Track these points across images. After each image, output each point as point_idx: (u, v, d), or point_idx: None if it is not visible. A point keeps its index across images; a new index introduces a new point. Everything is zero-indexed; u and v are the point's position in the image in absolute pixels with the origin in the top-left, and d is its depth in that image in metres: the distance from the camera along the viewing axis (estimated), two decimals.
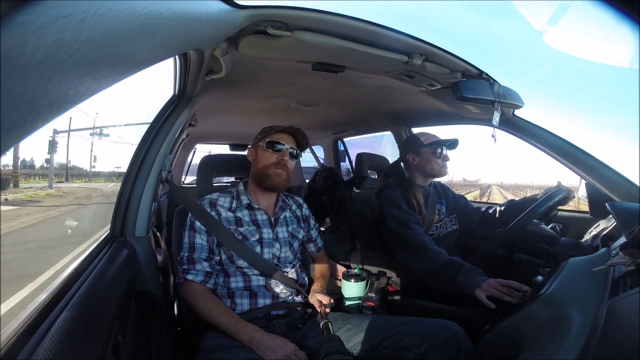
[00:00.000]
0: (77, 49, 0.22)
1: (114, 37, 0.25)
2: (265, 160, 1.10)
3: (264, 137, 1.12)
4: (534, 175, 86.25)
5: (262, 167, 1.10)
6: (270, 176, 1.09)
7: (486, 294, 1.01)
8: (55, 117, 0.26)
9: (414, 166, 1.48)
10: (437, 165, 1.42)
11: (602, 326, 0.54)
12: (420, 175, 1.48)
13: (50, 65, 0.20)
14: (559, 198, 1.16)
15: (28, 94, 0.20)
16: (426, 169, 1.45)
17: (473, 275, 1.09)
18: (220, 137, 3.18)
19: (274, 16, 0.77)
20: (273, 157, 1.10)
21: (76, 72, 0.23)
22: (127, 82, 1.72)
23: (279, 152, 1.10)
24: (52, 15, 0.19)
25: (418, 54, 0.96)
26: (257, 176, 1.11)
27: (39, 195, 12.47)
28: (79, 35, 0.21)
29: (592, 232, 1.34)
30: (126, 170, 1.08)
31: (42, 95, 0.22)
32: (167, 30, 0.34)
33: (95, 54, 0.24)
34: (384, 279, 1.46)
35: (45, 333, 0.47)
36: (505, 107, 1.18)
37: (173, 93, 1.17)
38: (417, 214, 1.38)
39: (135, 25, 0.28)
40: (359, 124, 2.26)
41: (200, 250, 1.02)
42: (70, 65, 0.22)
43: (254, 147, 1.16)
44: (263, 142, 1.11)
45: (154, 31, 0.31)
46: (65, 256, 4.14)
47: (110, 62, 0.27)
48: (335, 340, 0.84)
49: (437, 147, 1.42)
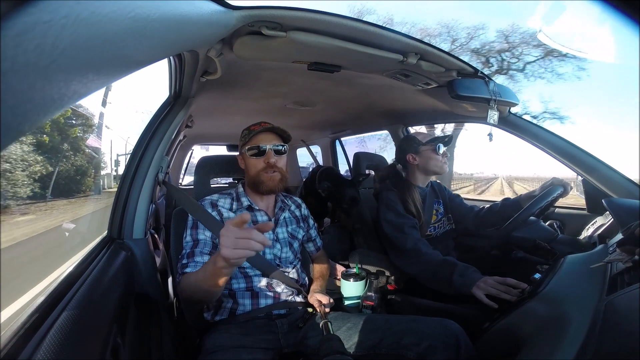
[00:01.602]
0: (59, 54, 0.21)
1: (99, 41, 0.25)
2: (254, 167, 1.08)
3: (245, 143, 1.10)
4: (526, 169, 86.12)
5: (254, 174, 1.08)
6: (263, 182, 1.07)
7: (484, 293, 1.01)
8: (42, 120, 0.26)
9: (415, 166, 1.47)
10: (439, 162, 1.42)
11: (601, 323, 0.54)
12: (421, 175, 1.48)
13: (32, 71, 0.20)
14: (552, 198, 1.16)
15: (10, 99, 0.19)
16: (428, 167, 1.44)
17: (467, 274, 1.10)
18: (217, 138, 3.18)
19: (268, 17, 0.77)
20: (260, 162, 1.07)
21: (61, 76, 0.23)
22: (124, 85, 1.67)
23: (263, 154, 1.06)
24: (31, 21, 0.19)
25: (413, 52, 0.96)
26: (252, 183, 1.10)
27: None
28: (60, 41, 0.21)
29: (590, 228, 1.34)
30: (123, 172, 1.08)
31: (26, 100, 0.21)
32: (156, 32, 0.34)
33: (81, 58, 0.24)
34: (383, 278, 1.46)
35: (44, 335, 0.47)
36: (501, 105, 1.18)
37: (169, 94, 1.16)
38: (415, 216, 1.38)
39: (122, 28, 0.27)
40: (356, 123, 2.26)
41: (204, 245, 0.99)
42: (54, 70, 0.22)
43: (241, 154, 1.13)
44: (245, 150, 1.09)
45: (141, 34, 0.31)
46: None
47: (97, 65, 0.27)
48: (334, 340, 0.84)
49: (437, 144, 1.41)
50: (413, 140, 1.48)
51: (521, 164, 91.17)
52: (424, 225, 1.40)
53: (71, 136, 1.83)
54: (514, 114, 1.32)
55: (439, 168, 1.43)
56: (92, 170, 2.12)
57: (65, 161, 1.75)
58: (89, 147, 2.16)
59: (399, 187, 1.46)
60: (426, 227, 1.42)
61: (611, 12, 0.51)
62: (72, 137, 1.83)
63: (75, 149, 1.82)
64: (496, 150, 69.74)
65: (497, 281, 1.01)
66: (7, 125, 0.21)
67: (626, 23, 0.48)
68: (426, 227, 1.42)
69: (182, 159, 3.34)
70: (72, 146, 1.79)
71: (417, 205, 1.40)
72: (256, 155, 1.07)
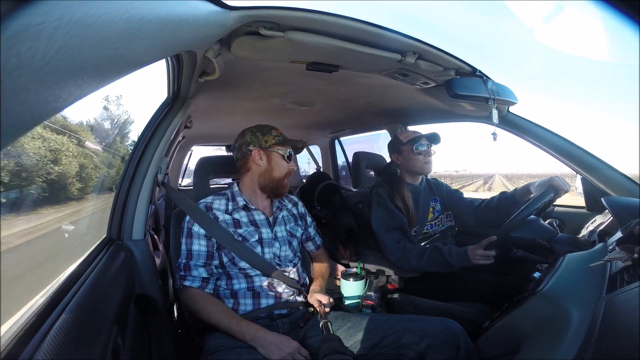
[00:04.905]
0: (52, 56, 0.21)
1: (93, 42, 0.25)
2: (281, 169, 1.11)
3: (277, 143, 1.10)
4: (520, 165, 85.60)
5: (278, 177, 1.10)
6: (284, 186, 1.12)
7: (477, 261, 1.15)
8: (38, 122, 0.26)
9: (400, 165, 1.50)
10: (419, 162, 1.43)
11: (601, 322, 0.54)
12: (407, 174, 1.49)
13: (25, 73, 0.20)
14: (542, 203, 1.15)
15: (4, 102, 0.19)
16: (409, 167, 1.46)
17: (455, 253, 1.21)
18: (216, 138, 3.17)
19: (266, 17, 0.76)
20: (288, 166, 1.11)
21: (55, 78, 0.23)
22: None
23: (290, 160, 1.12)
24: (24, 24, 0.19)
25: (411, 52, 0.96)
26: (270, 184, 1.10)
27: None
28: (54, 42, 0.21)
29: (589, 227, 1.34)
30: (122, 173, 1.08)
31: (20, 102, 0.21)
32: (152, 33, 0.34)
33: (75, 60, 0.24)
34: (383, 278, 1.46)
35: (44, 336, 0.47)
36: (500, 104, 1.18)
37: (167, 95, 1.16)
38: (404, 213, 1.39)
39: (116, 30, 0.27)
40: (356, 123, 2.26)
41: (197, 257, 1.02)
42: (47, 72, 0.21)
43: (265, 150, 1.10)
44: (281, 149, 1.10)
45: (137, 35, 0.31)
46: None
47: (92, 67, 0.27)
48: (334, 340, 0.85)
49: (414, 144, 1.42)
50: (395, 140, 1.50)
51: (514, 162, 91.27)
52: (413, 221, 1.40)
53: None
54: (512, 113, 1.32)
55: (419, 168, 1.44)
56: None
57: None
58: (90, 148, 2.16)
59: (390, 183, 1.47)
60: (421, 225, 1.43)
61: (611, 12, 0.51)
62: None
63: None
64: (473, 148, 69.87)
65: (478, 253, 1.16)
66: (1, 128, 0.21)
67: (626, 23, 0.48)
68: (421, 224, 1.43)
69: (181, 160, 3.33)
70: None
71: (407, 201, 1.40)
72: (288, 159, 1.11)
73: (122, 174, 1.08)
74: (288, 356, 0.86)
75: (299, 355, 0.87)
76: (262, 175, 1.11)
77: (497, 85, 1.12)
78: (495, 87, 1.11)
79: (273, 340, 0.88)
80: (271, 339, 0.88)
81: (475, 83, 1.09)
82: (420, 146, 1.42)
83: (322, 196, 1.82)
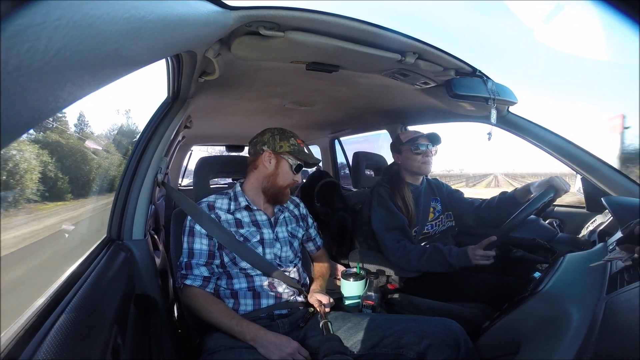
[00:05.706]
0: (53, 56, 0.21)
1: (93, 42, 0.25)
2: (287, 178, 1.11)
3: (291, 153, 1.10)
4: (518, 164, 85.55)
5: (282, 184, 1.10)
6: (285, 195, 1.13)
7: (477, 262, 1.16)
8: (38, 122, 0.26)
9: (400, 165, 1.50)
10: (417, 162, 1.43)
11: (601, 322, 0.54)
12: (407, 174, 1.49)
13: (25, 73, 0.20)
14: (542, 203, 1.15)
15: (4, 102, 0.19)
16: (408, 167, 1.46)
17: (455, 253, 1.21)
18: (216, 138, 3.17)
19: (266, 17, 0.76)
20: (293, 177, 1.11)
21: (55, 78, 0.23)
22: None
23: (298, 172, 1.12)
24: (24, 24, 0.19)
25: (411, 52, 0.96)
26: (272, 189, 1.11)
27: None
28: (54, 42, 0.21)
29: (589, 227, 1.34)
30: (122, 173, 1.08)
31: (20, 102, 0.21)
32: (152, 33, 0.34)
33: (75, 60, 0.24)
34: (383, 278, 1.46)
35: (44, 336, 0.47)
36: (500, 104, 1.18)
37: (167, 95, 1.16)
38: (405, 213, 1.39)
39: (116, 30, 0.27)
40: (356, 123, 2.26)
41: (199, 256, 1.02)
42: (47, 72, 0.21)
43: (276, 154, 1.10)
44: (292, 159, 1.10)
45: (137, 35, 0.31)
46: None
47: (92, 67, 0.27)
48: (334, 340, 0.85)
49: (413, 144, 1.42)
50: (396, 140, 1.50)
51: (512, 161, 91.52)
52: (413, 221, 1.40)
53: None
54: (512, 113, 1.32)
55: (417, 168, 1.44)
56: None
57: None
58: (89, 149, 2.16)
59: (391, 183, 1.47)
60: (422, 225, 1.43)
61: (611, 12, 0.51)
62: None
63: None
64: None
65: (478, 254, 1.16)
66: (1, 128, 0.21)
67: (626, 23, 0.48)
68: (422, 224, 1.43)
69: (181, 160, 3.33)
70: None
71: (408, 201, 1.40)
72: (295, 169, 1.11)
73: (122, 174, 1.08)
74: (288, 356, 0.86)
75: (299, 356, 0.87)
76: (266, 178, 1.11)
77: (497, 85, 1.12)
78: (495, 87, 1.11)
79: (273, 340, 0.88)
80: (271, 339, 0.88)
81: (475, 83, 1.09)
82: (420, 146, 1.42)
83: (322, 193, 1.84)
